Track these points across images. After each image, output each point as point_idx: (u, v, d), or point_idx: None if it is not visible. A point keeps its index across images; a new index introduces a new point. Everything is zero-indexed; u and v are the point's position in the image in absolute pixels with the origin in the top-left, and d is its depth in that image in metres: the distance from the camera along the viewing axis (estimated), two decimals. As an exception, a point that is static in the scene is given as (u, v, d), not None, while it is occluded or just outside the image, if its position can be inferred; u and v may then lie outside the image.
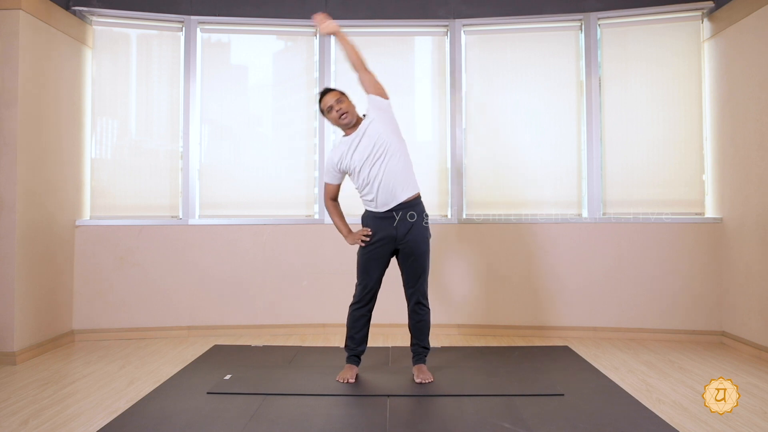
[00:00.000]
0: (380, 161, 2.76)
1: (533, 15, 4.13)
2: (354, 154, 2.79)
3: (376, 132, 2.78)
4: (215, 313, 4.05)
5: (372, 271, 2.84)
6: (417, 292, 2.84)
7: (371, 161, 2.76)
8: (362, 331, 2.89)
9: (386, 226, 2.79)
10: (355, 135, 2.81)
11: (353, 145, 2.80)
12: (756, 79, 3.40)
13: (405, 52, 4.31)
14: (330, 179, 2.94)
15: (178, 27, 4.15)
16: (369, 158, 2.76)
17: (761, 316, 3.35)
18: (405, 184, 2.79)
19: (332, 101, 2.81)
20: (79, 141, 3.93)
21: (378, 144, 2.76)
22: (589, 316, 3.96)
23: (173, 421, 2.32)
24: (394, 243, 2.81)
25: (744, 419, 2.36)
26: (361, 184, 2.82)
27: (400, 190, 2.77)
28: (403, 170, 2.79)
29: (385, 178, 2.75)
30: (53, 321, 3.66)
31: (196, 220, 4.09)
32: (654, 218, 3.91)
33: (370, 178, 2.77)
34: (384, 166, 2.75)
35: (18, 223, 3.30)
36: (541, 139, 4.14)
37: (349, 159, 2.80)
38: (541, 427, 2.23)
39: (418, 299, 2.84)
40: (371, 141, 2.77)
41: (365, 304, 2.87)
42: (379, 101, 2.83)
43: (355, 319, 2.88)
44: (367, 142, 2.77)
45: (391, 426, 2.26)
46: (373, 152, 2.76)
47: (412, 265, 2.82)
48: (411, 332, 2.91)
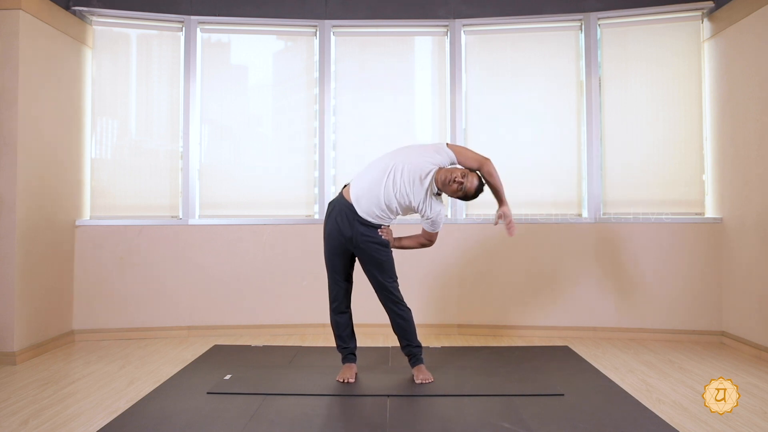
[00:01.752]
0: (390, 177, 2.72)
1: (533, 15, 4.13)
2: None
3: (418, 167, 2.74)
4: (215, 313, 4.05)
5: (335, 266, 2.83)
6: (385, 297, 2.82)
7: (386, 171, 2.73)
8: (347, 328, 2.90)
9: (343, 225, 2.75)
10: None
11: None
12: (756, 79, 3.40)
13: (405, 52, 4.31)
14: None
15: (178, 27, 4.15)
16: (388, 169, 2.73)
17: (761, 316, 3.35)
18: (379, 213, 2.74)
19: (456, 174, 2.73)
20: (79, 141, 3.93)
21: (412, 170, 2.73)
22: (589, 316, 3.96)
23: (173, 421, 2.32)
24: (343, 239, 2.76)
25: (744, 419, 2.36)
26: (368, 168, 2.80)
27: (373, 213, 2.73)
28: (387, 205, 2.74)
29: (376, 191, 2.72)
30: (53, 321, 3.66)
31: (196, 220, 4.09)
32: (654, 218, 3.91)
33: (370, 176, 2.75)
34: (387, 186, 2.72)
35: (18, 223, 3.30)
36: (541, 139, 4.14)
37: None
38: (541, 427, 2.23)
39: (388, 305, 2.82)
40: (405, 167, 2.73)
41: (341, 302, 2.86)
42: (452, 159, 2.81)
43: (337, 320, 2.89)
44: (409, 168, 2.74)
45: (391, 426, 2.26)
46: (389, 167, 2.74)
47: (371, 275, 2.81)
48: (397, 335, 2.89)
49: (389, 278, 2.81)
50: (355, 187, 2.78)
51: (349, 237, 2.76)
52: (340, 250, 2.81)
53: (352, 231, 2.75)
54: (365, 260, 2.80)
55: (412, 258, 3.75)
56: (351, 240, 2.76)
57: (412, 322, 2.86)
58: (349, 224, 2.75)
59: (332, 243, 2.81)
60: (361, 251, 2.78)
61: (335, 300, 2.87)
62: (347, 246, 2.79)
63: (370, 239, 2.76)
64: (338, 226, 2.77)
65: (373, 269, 2.79)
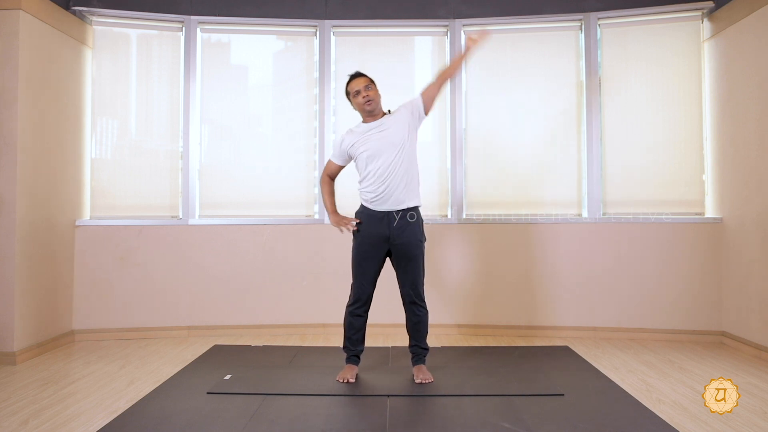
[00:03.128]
0: (387, 161, 2.76)
1: (533, 15, 4.13)
2: (366, 143, 2.81)
3: (396, 132, 2.79)
4: (215, 313, 4.05)
5: (366, 270, 2.84)
6: (412, 294, 2.83)
7: (378, 157, 2.77)
8: (360, 332, 2.89)
9: (380, 226, 2.80)
10: (374, 125, 2.84)
11: (368, 134, 2.82)
12: (756, 79, 3.40)
13: (405, 52, 4.31)
14: (335, 158, 2.97)
15: (178, 27, 4.15)
16: (378, 153, 2.77)
17: (761, 316, 3.35)
18: (408, 193, 2.80)
19: (361, 86, 2.83)
20: (79, 141, 3.93)
21: (391, 143, 2.77)
22: (589, 316, 3.96)
23: (173, 421, 2.32)
24: (386, 243, 2.81)
25: (744, 419, 2.36)
26: (365, 176, 2.83)
27: (400, 197, 2.78)
28: (408, 179, 2.80)
29: (388, 180, 2.76)
30: (53, 321, 3.66)
31: (196, 220, 4.09)
32: (654, 218, 3.91)
33: (372, 174, 2.78)
34: (391, 168, 2.76)
35: (18, 223, 3.30)
36: (541, 139, 4.14)
37: (359, 146, 2.82)
38: (541, 427, 2.23)
39: (413, 300, 2.84)
40: (386, 137, 2.78)
41: (361, 305, 2.87)
42: (420, 109, 2.87)
43: (351, 321, 2.88)
44: (381, 137, 2.79)
45: (391, 426, 2.26)
46: (382, 148, 2.77)
47: (405, 269, 2.82)
48: (409, 333, 2.91)
49: (420, 274, 2.85)
50: (380, 197, 2.79)
51: (387, 236, 2.79)
52: (378, 255, 2.83)
53: (390, 231, 2.79)
54: (402, 255, 2.81)
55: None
56: (388, 239, 2.79)
57: (427, 324, 2.89)
58: (387, 225, 2.79)
59: (366, 248, 2.83)
60: (399, 247, 2.79)
61: (356, 302, 2.87)
62: (385, 246, 2.81)
63: (409, 234, 2.79)
64: (377, 228, 2.80)
65: (407, 264, 2.81)
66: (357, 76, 2.89)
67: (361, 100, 2.83)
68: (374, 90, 2.86)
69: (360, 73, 2.91)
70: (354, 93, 2.86)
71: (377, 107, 2.86)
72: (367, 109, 2.84)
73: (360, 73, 2.90)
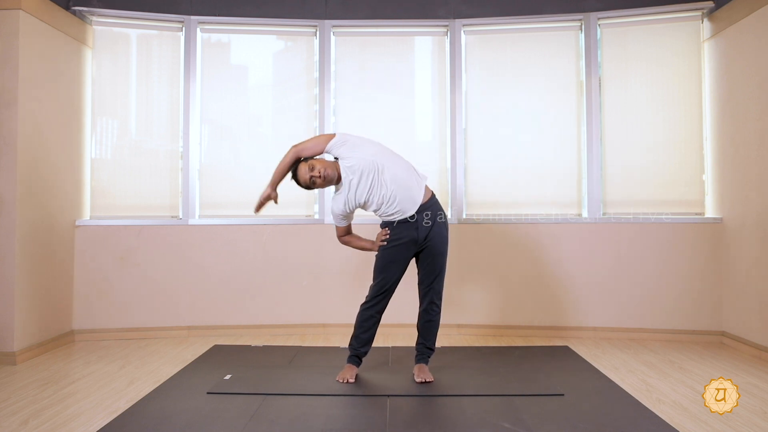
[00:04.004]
0: (382, 178, 2.75)
1: (533, 15, 4.13)
2: (356, 192, 2.78)
3: (357, 163, 2.76)
4: (215, 313, 4.05)
5: (391, 272, 2.83)
6: (432, 290, 2.84)
7: (375, 186, 2.75)
8: (369, 331, 2.88)
9: (409, 229, 2.80)
10: (345, 179, 2.80)
11: (351, 187, 2.78)
12: (756, 79, 3.40)
13: (405, 52, 4.31)
14: (340, 223, 2.94)
15: (178, 27, 4.15)
16: (372, 185, 2.76)
17: (761, 316, 3.35)
18: (415, 184, 2.80)
19: (307, 174, 2.78)
20: (79, 141, 3.93)
21: (368, 169, 2.75)
22: (589, 316, 3.96)
23: (173, 421, 2.32)
24: (415, 245, 2.82)
25: (744, 419, 2.36)
26: (379, 206, 2.82)
27: (415, 192, 2.79)
28: (407, 172, 2.80)
29: (397, 189, 2.75)
30: (53, 321, 3.66)
31: (196, 220, 4.09)
32: (654, 218, 3.91)
33: (384, 197, 2.77)
34: (389, 179, 2.75)
35: (18, 223, 3.30)
36: (541, 139, 4.14)
37: (355, 199, 2.80)
38: (541, 427, 2.23)
39: (432, 299, 2.85)
40: (361, 172, 2.75)
41: (377, 304, 2.86)
42: (332, 144, 2.81)
43: (364, 319, 2.87)
44: (359, 176, 2.76)
45: (391, 426, 2.26)
46: (370, 178, 2.75)
47: (431, 265, 2.84)
48: (419, 331, 2.91)
49: (443, 271, 2.87)
50: (402, 206, 2.78)
51: (416, 239, 2.80)
52: (404, 257, 2.83)
53: (418, 233, 2.79)
54: (431, 253, 2.82)
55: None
56: (417, 241, 2.80)
57: (438, 325, 2.90)
58: (415, 227, 2.79)
59: (394, 251, 2.82)
60: (428, 245, 2.81)
61: (372, 300, 2.86)
62: (413, 249, 2.82)
63: (439, 231, 2.81)
64: (406, 231, 2.80)
65: (435, 261, 2.82)
66: (295, 170, 2.85)
67: (321, 182, 2.78)
68: (318, 163, 2.77)
69: (295, 164, 2.85)
70: (311, 182, 2.79)
71: (334, 171, 2.79)
72: (332, 181, 2.80)
73: (295, 165, 2.85)
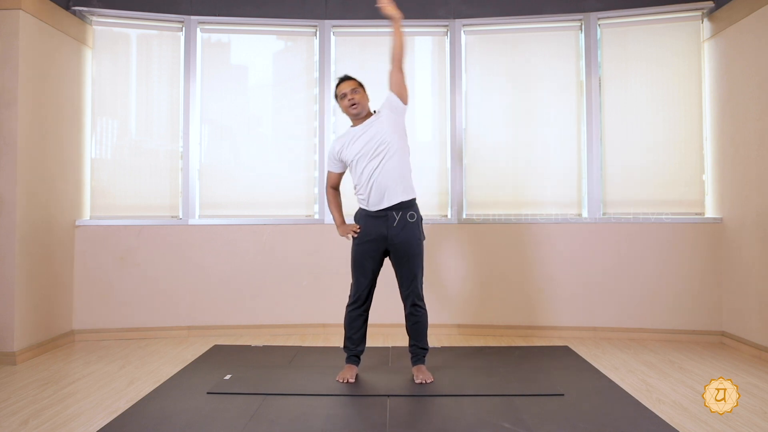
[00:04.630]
0: (376, 160, 2.77)
1: (533, 15, 4.13)
2: (353, 145, 2.82)
3: (381, 131, 2.80)
4: (215, 313, 4.05)
5: (365, 269, 2.84)
6: (411, 294, 2.83)
7: (367, 158, 2.78)
8: (360, 331, 2.89)
9: (377, 225, 2.80)
10: (360, 127, 2.86)
11: (355, 137, 2.84)
12: (756, 79, 3.40)
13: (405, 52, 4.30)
14: (331, 167, 2.99)
15: (178, 27, 4.15)
16: (365, 154, 2.78)
17: (761, 316, 3.35)
18: (400, 186, 2.79)
19: (347, 89, 2.85)
20: (79, 141, 3.93)
21: (378, 142, 2.78)
22: (589, 316, 3.96)
23: (173, 421, 2.32)
24: (384, 242, 2.81)
25: (744, 419, 2.36)
26: (358, 178, 2.84)
27: (393, 192, 2.77)
28: (400, 173, 2.80)
29: (379, 178, 2.76)
30: (53, 321, 3.66)
31: (196, 220, 4.09)
32: (654, 218, 3.91)
33: (364, 175, 2.79)
34: (379, 166, 2.77)
35: (18, 223, 3.30)
36: (541, 139, 4.14)
37: (349, 150, 2.84)
38: (541, 427, 2.23)
39: (414, 301, 2.83)
40: (372, 137, 2.79)
41: (361, 304, 2.87)
42: (396, 103, 2.85)
43: (352, 320, 2.88)
44: (368, 138, 2.80)
45: (391, 426, 2.26)
46: (370, 149, 2.78)
47: (404, 267, 2.82)
48: (408, 334, 2.91)
49: (420, 273, 2.85)
50: (372, 198, 2.79)
51: (385, 236, 2.79)
52: (377, 253, 2.83)
53: (388, 231, 2.78)
54: (401, 254, 2.81)
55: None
56: (387, 238, 2.79)
57: (426, 324, 2.88)
58: (385, 225, 2.79)
59: (364, 247, 2.83)
60: (398, 246, 2.79)
61: (356, 301, 2.87)
62: (383, 245, 2.81)
63: (408, 233, 2.78)
64: (375, 228, 2.80)
65: (407, 263, 2.81)
66: (345, 79, 2.91)
67: (346, 103, 2.85)
68: (361, 93, 2.87)
69: (348, 76, 2.93)
70: (341, 96, 2.87)
71: (363, 110, 2.86)
72: (353, 112, 2.86)
73: (348, 77, 2.92)
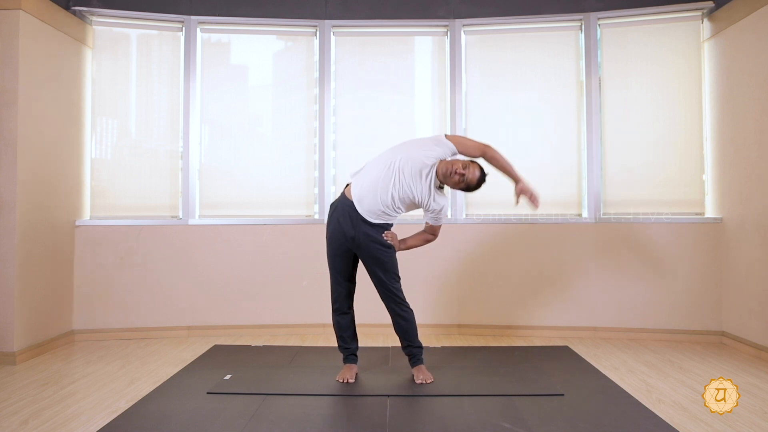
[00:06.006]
0: (392, 172, 2.70)
1: (533, 15, 4.13)
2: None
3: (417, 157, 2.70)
4: (215, 313, 4.05)
5: (338, 266, 2.82)
6: (387, 297, 2.80)
7: (389, 167, 2.71)
8: (349, 329, 2.89)
9: (347, 222, 2.73)
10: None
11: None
12: (756, 79, 3.40)
13: (405, 52, 4.31)
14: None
15: (178, 27, 4.15)
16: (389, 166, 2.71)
17: (761, 316, 3.35)
18: (388, 209, 2.72)
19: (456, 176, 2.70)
20: (79, 141, 3.93)
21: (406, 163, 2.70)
22: (589, 316, 3.96)
23: (173, 421, 2.32)
24: (346, 240, 2.75)
25: (744, 419, 2.36)
26: (366, 165, 2.80)
27: (377, 212, 2.71)
28: (393, 201, 2.71)
29: (381, 185, 2.70)
30: (53, 321, 3.66)
31: (196, 220, 4.09)
32: (654, 218, 3.91)
33: (374, 174, 2.73)
34: (387, 183, 2.69)
35: (18, 223, 3.30)
36: (541, 139, 4.14)
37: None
38: (541, 427, 2.23)
39: (391, 305, 2.81)
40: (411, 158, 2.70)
41: (343, 302, 2.85)
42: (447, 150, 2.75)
43: (338, 320, 2.88)
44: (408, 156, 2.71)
45: (391, 426, 2.26)
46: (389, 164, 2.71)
47: (373, 270, 2.78)
48: (398, 335, 2.88)
49: (392, 278, 2.79)
50: (357, 187, 2.76)
51: (352, 237, 2.74)
52: (343, 251, 2.80)
53: (355, 231, 2.73)
54: (368, 260, 2.78)
55: (412, 258, 3.74)
56: (353, 240, 2.75)
57: (413, 323, 2.85)
58: (352, 224, 2.74)
59: (335, 244, 2.80)
60: (364, 251, 2.76)
61: (337, 301, 2.86)
62: (350, 246, 2.77)
63: (373, 239, 2.74)
64: (341, 226, 2.76)
65: (376, 269, 2.78)
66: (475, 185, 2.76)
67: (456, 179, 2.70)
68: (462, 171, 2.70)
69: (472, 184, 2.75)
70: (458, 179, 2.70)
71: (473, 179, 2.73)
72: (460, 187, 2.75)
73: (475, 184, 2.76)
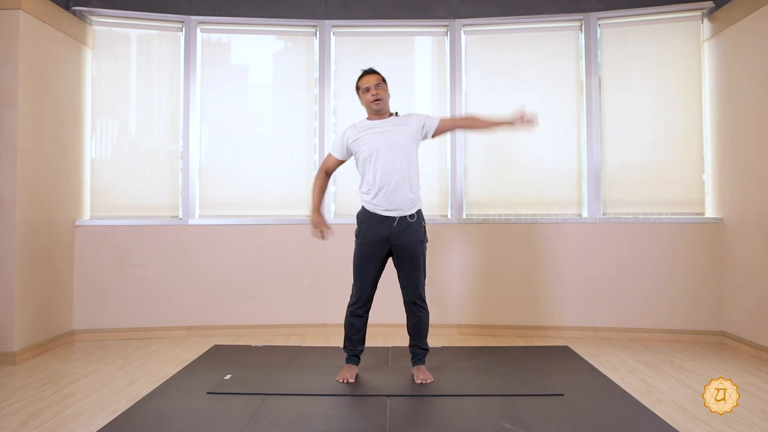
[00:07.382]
0: (389, 160, 2.75)
1: (533, 15, 4.13)
2: (366, 140, 2.80)
3: (400, 135, 2.79)
4: (215, 313, 4.05)
5: (366, 271, 2.84)
6: (412, 294, 2.83)
7: (379, 156, 2.76)
8: (360, 332, 2.89)
9: (380, 226, 2.79)
10: (378, 123, 2.84)
11: (372, 130, 2.81)
12: (756, 79, 3.40)
13: (405, 52, 4.31)
14: (335, 151, 2.96)
15: (178, 27, 4.15)
16: (378, 152, 2.76)
17: (761, 316, 3.35)
18: (407, 188, 2.78)
19: (372, 83, 2.82)
20: (79, 141, 3.93)
21: (394, 144, 2.77)
22: (589, 316, 3.96)
23: (173, 421, 2.32)
24: (387, 243, 2.80)
25: (744, 419, 2.36)
26: (364, 175, 2.83)
27: (399, 193, 2.76)
28: (408, 176, 2.79)
29: (390, 181, 2.75)
30: (53, 321, 3.66)
31: (196, 220, 4.09)
32: (654, 218, 3.91)
33: (376, 175, 2.76)
34: (392, 168, 2.75)
35: (18, 223, 3.30)
36: (541, 139, 4.13)
37: (360, 143, 2.81)
38: (541, 427, 2.23)
39: (414, 301, 2.83)
40: (389, 138, 2.78)
41: (362, 305, 2.87)
42: (431, 129, 2.87)
43: (352, 321, 2.88)
44: (385, 137, 2.78)
45: (391, 426, 2.26)
46: (384, 148, 2.76)
47: (407, 269, 2.82)
48: (409, 333, 2.91)
49: (422, 274, 2.84)
50: (379, 198, 2.78)
51: (387, 236, 2.78)
52: (377, 254, 2.82)
53: (390, 231, 2.78)
54: (402, 255, 2.80)
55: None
56: (389, 239, 2.78)
57: (427, 324, 2.88)
58: (387, 226, 2.78)
59: (366, 249, 2.82)
60: (399, 247, 2.78)
61: (356, 302, 2.87)
62: (385, 246, 2.80)
63: (410, 234, 2.78)
64: (377, 230, 2.79)
65: (408, 264, 2.80)
66: (370, 72, 2.88)
67: (369, 98, 2.82)
68: (384, 89, 2.85)
69: (373, 70, 2.90)
70: (364, 89, 2.85)
71: (385, 107, 2.85)
72: (375, 108, 2.83)
73: (373, 70, 2.89)
